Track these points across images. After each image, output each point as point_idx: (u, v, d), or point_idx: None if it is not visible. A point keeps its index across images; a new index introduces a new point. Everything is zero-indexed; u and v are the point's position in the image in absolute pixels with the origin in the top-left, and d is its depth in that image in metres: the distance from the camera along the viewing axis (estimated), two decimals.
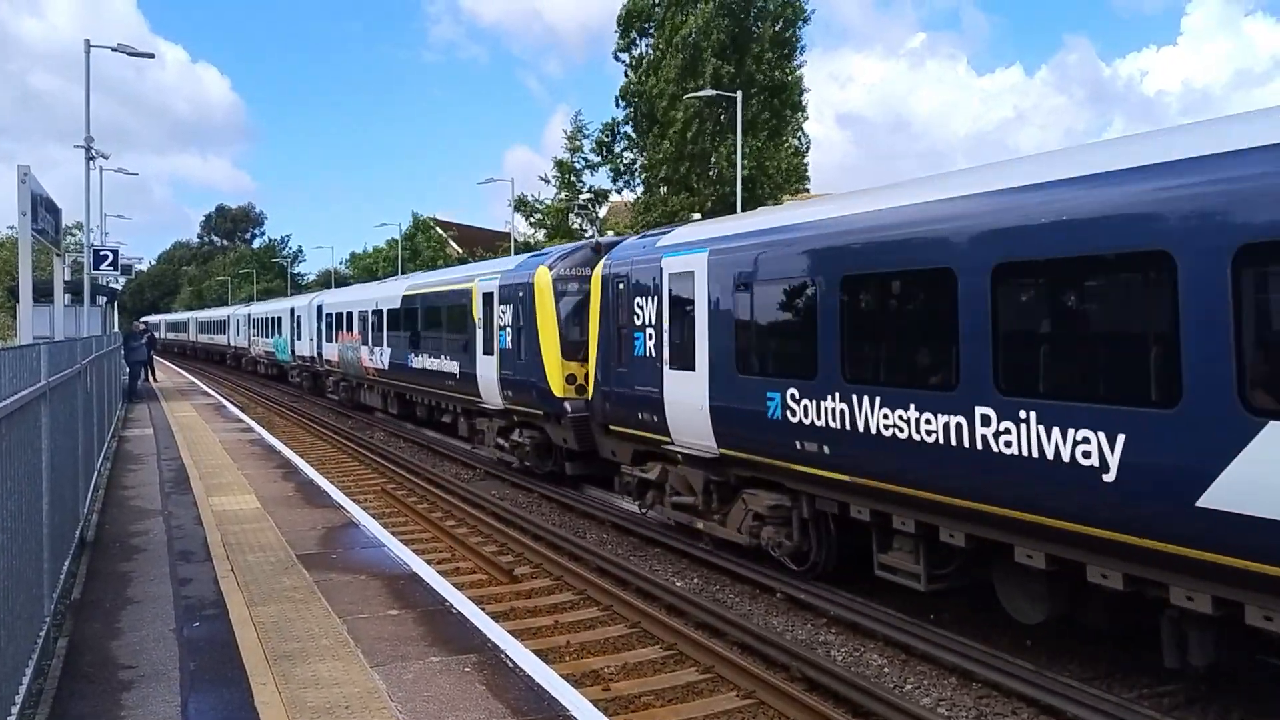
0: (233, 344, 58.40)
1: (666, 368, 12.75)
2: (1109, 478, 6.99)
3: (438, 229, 75.38)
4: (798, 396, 10.25)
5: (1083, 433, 7.16)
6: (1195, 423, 6.47)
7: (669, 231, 14.03)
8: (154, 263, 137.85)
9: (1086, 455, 7.13)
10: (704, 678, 8.73)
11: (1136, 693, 7.98)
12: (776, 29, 43.91)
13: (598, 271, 14.98)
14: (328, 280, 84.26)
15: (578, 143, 49.31)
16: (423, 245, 70.50)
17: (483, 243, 67.40)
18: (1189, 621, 7.07)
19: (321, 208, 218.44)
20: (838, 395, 9.67)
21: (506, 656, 7.04)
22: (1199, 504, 6.39)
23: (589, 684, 8.46)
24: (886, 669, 8.91)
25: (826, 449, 9.87)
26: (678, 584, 11.73)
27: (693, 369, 12.11)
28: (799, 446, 10.23)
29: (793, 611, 10.60)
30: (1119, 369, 7.28)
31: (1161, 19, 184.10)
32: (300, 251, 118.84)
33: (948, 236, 8.55)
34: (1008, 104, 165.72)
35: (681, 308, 12.46)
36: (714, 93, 34.74)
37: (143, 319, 65.84)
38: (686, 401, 12.22)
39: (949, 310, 8.34)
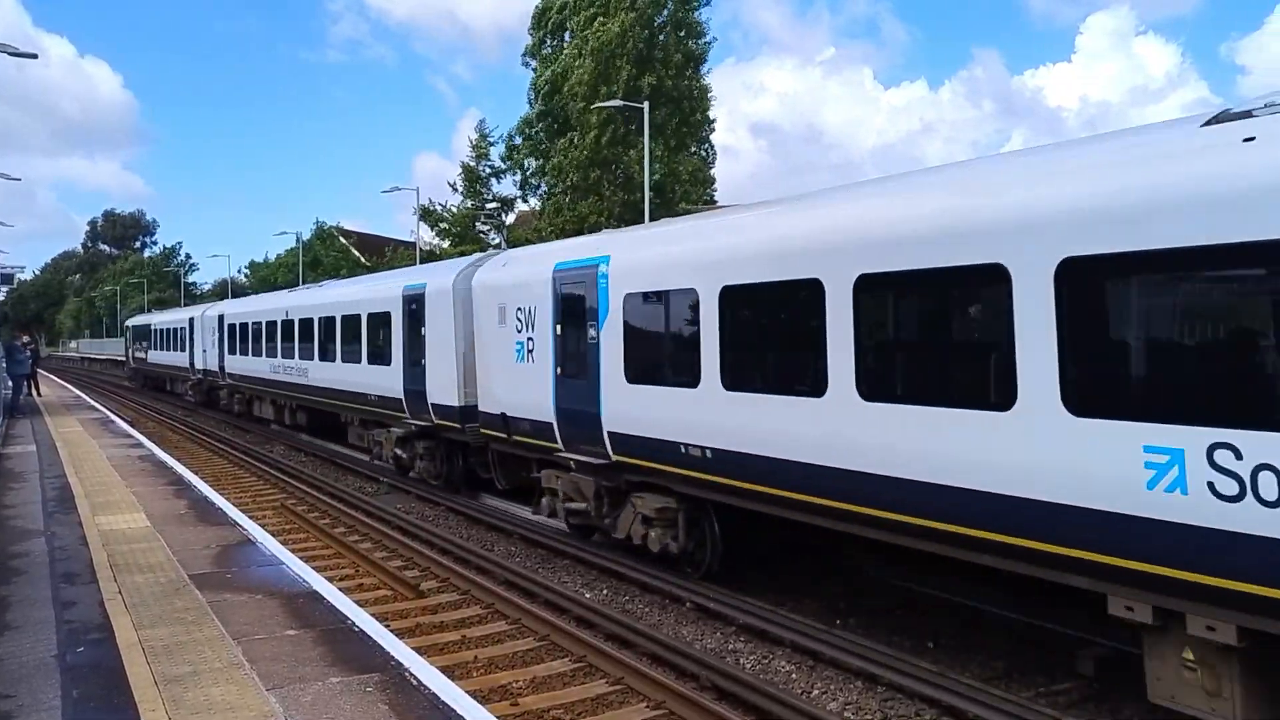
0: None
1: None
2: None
3: (340, 238, 73.71)
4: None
5: None
6: None
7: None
8: (38, 272, 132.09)
9: None
10: (614, 689, 8.67)
11: (1034, 691, 8.21)
12: (680, 36, 44.52)
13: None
14: (224, 290, 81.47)
15: (484, 149, 49.00)
16: (323, 254, 68.86)
17: (380, 251, 66.07)
18: None
19: (218, 214, 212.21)
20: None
21: (411, 674, 6.86)
22: None
23: (497, 700, 8.32)
24: (794, 675, 8.98)
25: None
26: (587, 595, 11.65)
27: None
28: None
29: (702, 620, 10.61)
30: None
31: (1060, 35, 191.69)
32: (190, 259, 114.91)
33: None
34: (915, 116, 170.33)
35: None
36: (622, 103, 34.88)
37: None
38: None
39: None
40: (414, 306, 18.42)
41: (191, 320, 39.14)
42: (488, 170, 49.50)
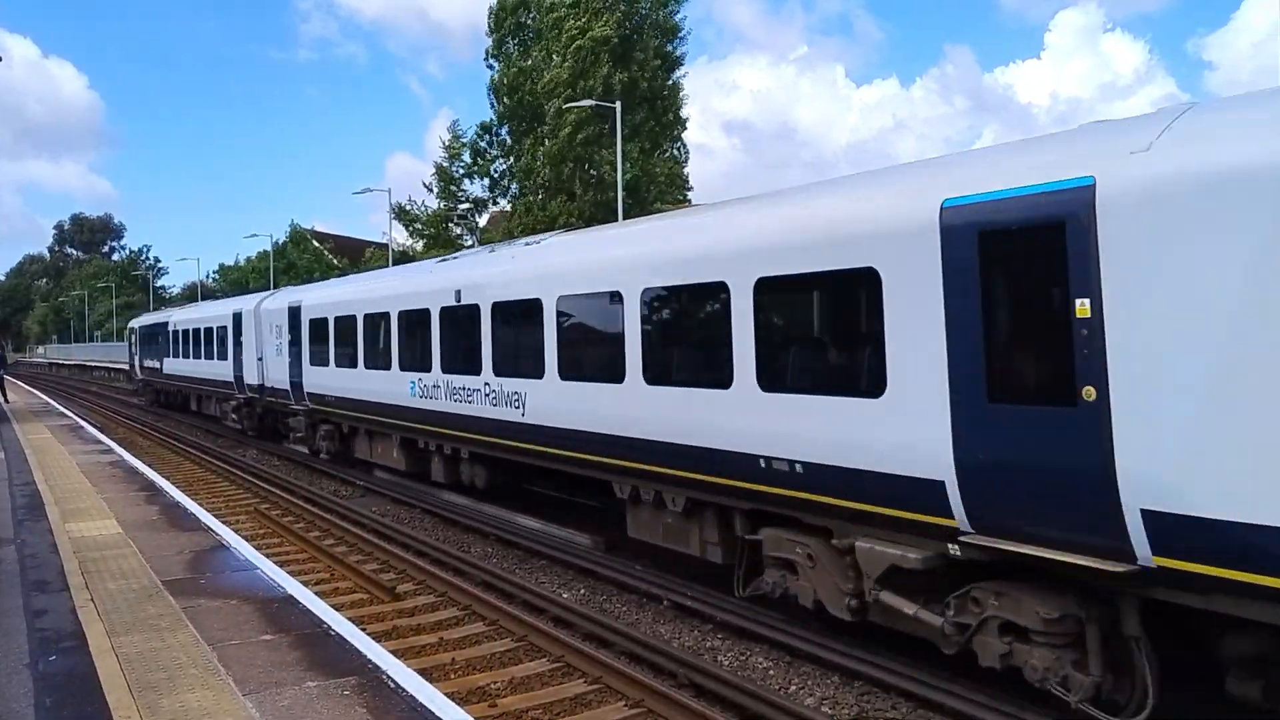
0: None
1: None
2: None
3: (313, 241, 73.18)
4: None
5: None
6: None
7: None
8: (3, 277, 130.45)
9: None
10: (592, 689, 8.69)
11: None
12: (658, 42, 44.73)
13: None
14: (193, 294, 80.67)
15: (457, 150, 48.94)
16: (296, 257, 68.42)
17: (356, 253, 66.00)
18: None
19: (188, 217, 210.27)
20: None
21: (388, 677, 6.84)
22: None
23: (475, 701, 8.32)
24: (772, 671, 9.03)
25: None
26: (564, 595, 11.66)
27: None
28: None
29: (679, 619, 10.65)
30: None
31: (1030, 32, 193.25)
32: (158, 262, 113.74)
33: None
34: (887, 113, 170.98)
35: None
36: (594, 102, 34.91)
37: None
38: None
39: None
40: (1035, 244, 7.09)
41: (238, 316, 27.96)
42: (460, 171, 49.42)
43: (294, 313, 23.16)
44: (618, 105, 32.58)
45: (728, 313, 9.61)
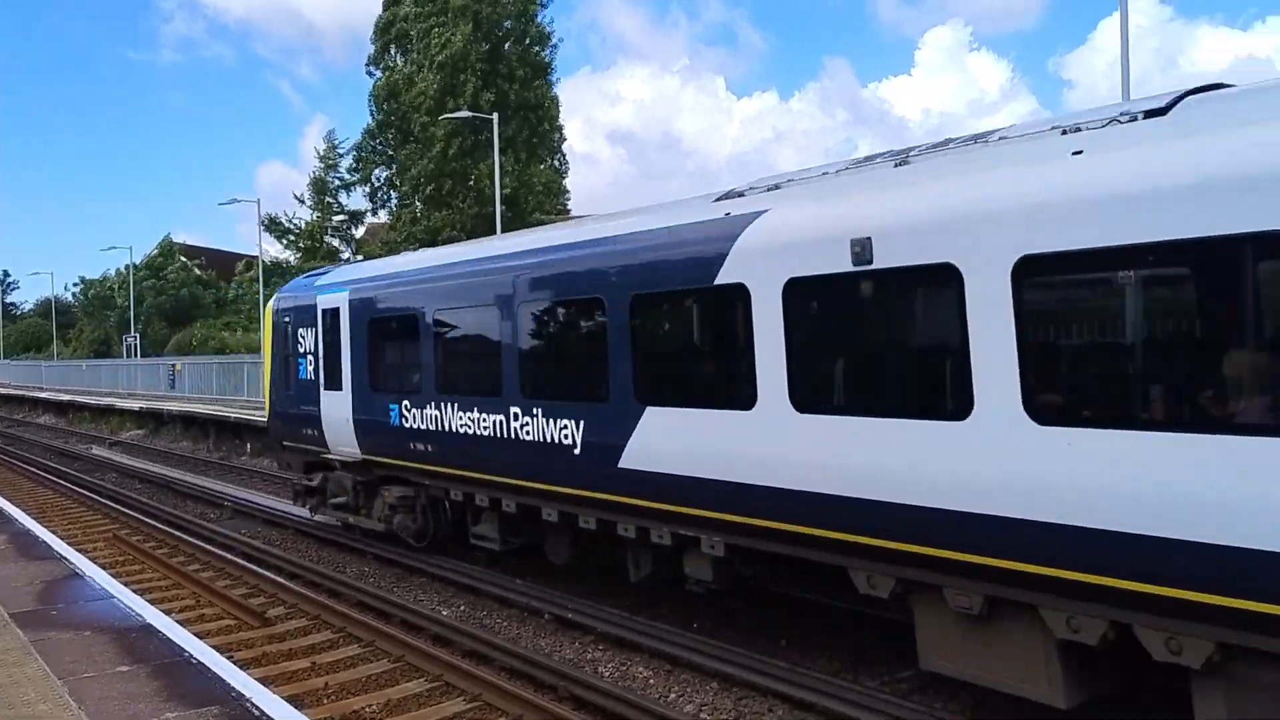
0: None
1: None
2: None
3: (182, 256, 70.32)
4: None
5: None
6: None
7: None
8: None
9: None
10: (471, 707, 8.56)
11: (878, 681, 8.53)
12: (524, 48, 44.74)
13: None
14: (47, 310, 76.31)
15: (333, 160, 47.92)
16: (167, 271, 65.72)
17: (226, 266, 63.94)
18: None
19: (43, 228, 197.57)
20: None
21: (253, 705, 6.59)
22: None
23: None
24: (652, 680, 9.06)
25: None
26: (444, 613, 11.46)
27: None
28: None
29: (560, 632, 10.60)
30: None
31: (906, 46, 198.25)
32: (8, 275, 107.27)
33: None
34: (767, 125, 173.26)
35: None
36: (471, 114, 34.60)
37: None
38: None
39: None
40: None
41: None
42: (337, 183, 48.39)
43: None
44: (495, 117, 32.40)
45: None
